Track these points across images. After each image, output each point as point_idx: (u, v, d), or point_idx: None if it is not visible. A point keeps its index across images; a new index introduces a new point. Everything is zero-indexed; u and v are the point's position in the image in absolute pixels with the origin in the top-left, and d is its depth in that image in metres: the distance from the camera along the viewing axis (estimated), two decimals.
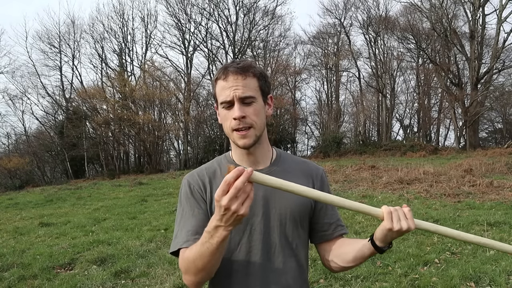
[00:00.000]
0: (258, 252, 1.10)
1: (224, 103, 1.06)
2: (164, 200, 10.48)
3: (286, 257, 1.12)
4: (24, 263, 4.94)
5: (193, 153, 29.06)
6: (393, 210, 0.97)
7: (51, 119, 28.73)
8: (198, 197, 1.12)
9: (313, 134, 35.21)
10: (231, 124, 1.06)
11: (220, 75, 1.07)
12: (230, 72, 1.05)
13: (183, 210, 1.12)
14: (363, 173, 12.82)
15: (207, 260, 0.95)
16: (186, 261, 1.00)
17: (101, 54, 28.08)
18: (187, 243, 1.03)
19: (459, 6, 25.85)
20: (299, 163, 1.23)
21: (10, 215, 9.61)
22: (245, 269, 1.10)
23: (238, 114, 1.03)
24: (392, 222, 0.96)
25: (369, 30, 30.63)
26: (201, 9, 27.60)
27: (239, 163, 1.15)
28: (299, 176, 1.17)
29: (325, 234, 1.20)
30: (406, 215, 0.97)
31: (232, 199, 0.82)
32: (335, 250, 1.17)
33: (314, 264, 4.18)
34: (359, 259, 1.09)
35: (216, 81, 1.09)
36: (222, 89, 1.06)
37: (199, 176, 1.16)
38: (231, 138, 1.10)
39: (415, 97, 32.76)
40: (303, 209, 1.15)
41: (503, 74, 26.80)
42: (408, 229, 0.95)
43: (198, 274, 0.99)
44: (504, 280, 3.59)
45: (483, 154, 18.49)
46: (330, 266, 1.19)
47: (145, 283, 4.08)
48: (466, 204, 7.38)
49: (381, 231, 1.00)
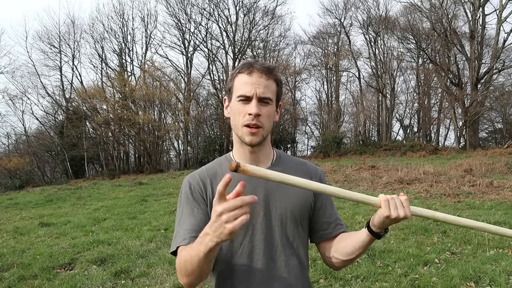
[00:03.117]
0: (260, 252, 1.11)
1: (242, 96, 1.08)
2: (164, 200, 10.47)
3: (287, 256, 1.14)
4: (24, 263, 4.94)
5: (193, 153, 29.06)
6: (390, 198, 0.99)
7: (51, 119, 28.73)
8: (198, 198, 1.13)
9: (313, 134, 35.23)
10: (244, 119, 1.08)
11: (244, 70, 1.09)
12: (256, 69, 1.08)
13: (183, 210, 1.13)
14: (363, 173, 12.82)
15: (196, 265, 0.94)
16: (179, 261, 1.02)
17: (101, 54, 28.08)
18: (184, 241, 1.04)
19: (459, 6, 25.85)
20: (298, 164, 1.25)
21: (10, 215, 9.61)
22: (248, 269, 1.11)
23: (255, 111, 1.06)
24: (390, 210, 0.97)
25: (369, 30, 30.64)
26: (201, 9, 27.62)
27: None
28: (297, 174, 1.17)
29: (325, 233, 1.22)
30: (403, 203, 0.98)
31: (226, 209, 0.79)
32: (334, 246, 1.18)
33: (314, 264, 4.18)
34: (359, 249, 1.09)
35: (237, 74, 1.11)
36: (243, 83, 1.08)
37: (200, 176, 1.17)
38: (239, 133, 1.11)
39: (415, 97, 32.78)
40: (303, 209, 1.17)
41: (503, 74, 26.81)
42: (404, 216, 0.97)
43: (188, 276, 0.99)
44: (504, 280, 3.59)
45: (483, 154, 18.49)
46: (332, 263, 1.20)
47: (145, 283, 4.08)
48: (466, 204, 7.39)
49: (378, 218, 1.01)
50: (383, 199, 0.99)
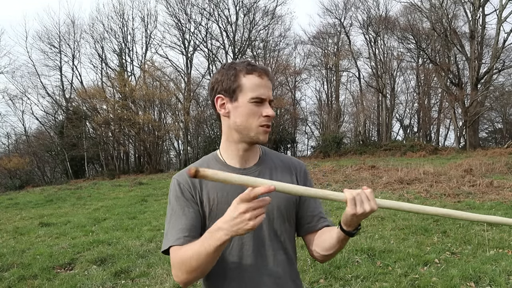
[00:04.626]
0: (249, 247, 1.15)
1: (257, 98, 1.11)
2: (164, 200, 10.47)
3: (275, 250, 1.18)
4: (24, 263, 4.94)
5: (193, 153, 29.06)
6: (355, 194, 0.98)
7: (51, 119, 28.72)
8: (189, 197, 1.13)
9: (313, 134, 35.22)
10: (260, 120, 1.12)
11: (253, 71, 1.12)
12: (264, 72, 1.13)
13: (173, 209, 1.13)
14: (363, 173, 12.82)
15: (203, 261, 0.97)
16: (181, 258, 1.02)
17: (101, 54, 28.08)
18: (178, 241, 1.06)
19: (459, 6, 25.84)
20: (282, 159, 1.29)
21: (10, 215, 9.61)
22: (239, 264, 1.14)
23: (272, 113, 1.13)
24: (355, 207, 0.97)
25: (369, 30, 30.62)
26: (201, 9, 27.62)
27: (229, 162, 1.19)
28: (282, 169, 1.24)
29: (309, 226, 1.25)
30: (368, 196, 0.98)
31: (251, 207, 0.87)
32: (316, 240, 1.22)
33: (314, 264, 4.18)
34: (334, 246, 1.11)
35: (245, 74, 1.12)
36: (257, 85, 1.11)
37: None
38: (251, 133, 1.13)
39: (415, 97, 32.76)
40: (289, 204, 1.20)
41: (503, 74, 26.80)
42: (371, 210, 0.97)
43: (191, 273, 1.01)
44: (504, 280, 3.59)
45: (483, 154, 18.48)
46: (314, 256, 1.24)
47: (145, 283, 4.08)
48: (466, 204, 7.39)
49: (345, 217, 1.01)
50: (349, 197, 0.97)
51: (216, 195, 1.13)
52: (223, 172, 0.86)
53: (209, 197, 1.13)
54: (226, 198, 1.12)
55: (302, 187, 0.97)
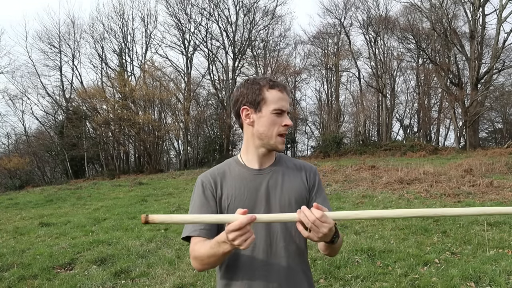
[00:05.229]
0: (262, 239, 1.26)
1: (279, 110, 1.27)
2: (164, 200, 10.48)
3: (286, 242, 1.28)
4: (24, 263, 4.94)
5: (193, 153, 29.06)
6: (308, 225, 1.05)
7: (51, 119, 28.72)
8: (209, 195, 1.30)
9: (313, 134, 35.23)
10: (280, 129, 1.29)
11: (275, 86, 1.29)
12: (283, 88, 1.31)
13: (194, 203, 1.31)
14: (363, 173, 12.82)
15: (213, 259, 1.17)
16: (196, 254, 1.21)
17: (101, 54, 28.08)
18: (194, 232, 1.24)
19: (459, 6, 25.84)
20: (295, 163, 1.43)
21: (10, 215, 9.61)
22: (251, 254, 1.26)
23: (291, 123, 1.30)
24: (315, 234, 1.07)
25: (369, 30, 30.62)
26: (201, 9, 27.62)
27: (248, 164, 1.34)
28: (294, 170, 1.38)
29: None
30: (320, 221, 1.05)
31: (237, 236, 1.02)
32: None
33: (314, 264, 4.18)
34: (325, 250, 1.28)
35: (268, 89, 1.28)
36: (279, 99, 1.28)
37: (211, 176, 1.34)
38: (271, 141, 1.29)
39: (415, 97, 32.76)
40: (300, 200, 1.32)
41: (503, 74, 26.79)
42: (329, 229, 1.05)
43: (204, 265, 1.21)
44: (504, 280, 3.59)
45: (483, 154, 18.48)
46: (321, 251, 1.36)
47: (145, 283, 4.08)
48: (466, 204, 7.38)
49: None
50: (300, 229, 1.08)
51: (234, 191, 1.29)
52: (168, 216, 1.03)
53: (228, 193, 1.30)
54: (242, 194, 1.29)
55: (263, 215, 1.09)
